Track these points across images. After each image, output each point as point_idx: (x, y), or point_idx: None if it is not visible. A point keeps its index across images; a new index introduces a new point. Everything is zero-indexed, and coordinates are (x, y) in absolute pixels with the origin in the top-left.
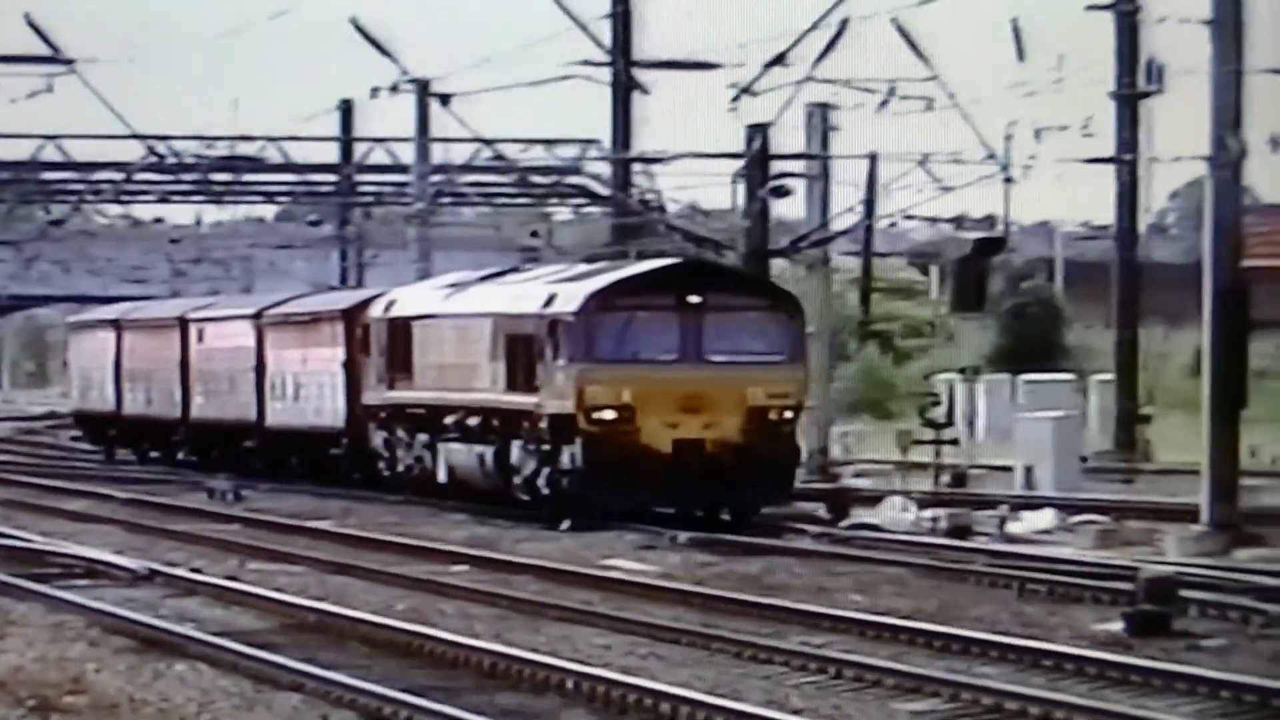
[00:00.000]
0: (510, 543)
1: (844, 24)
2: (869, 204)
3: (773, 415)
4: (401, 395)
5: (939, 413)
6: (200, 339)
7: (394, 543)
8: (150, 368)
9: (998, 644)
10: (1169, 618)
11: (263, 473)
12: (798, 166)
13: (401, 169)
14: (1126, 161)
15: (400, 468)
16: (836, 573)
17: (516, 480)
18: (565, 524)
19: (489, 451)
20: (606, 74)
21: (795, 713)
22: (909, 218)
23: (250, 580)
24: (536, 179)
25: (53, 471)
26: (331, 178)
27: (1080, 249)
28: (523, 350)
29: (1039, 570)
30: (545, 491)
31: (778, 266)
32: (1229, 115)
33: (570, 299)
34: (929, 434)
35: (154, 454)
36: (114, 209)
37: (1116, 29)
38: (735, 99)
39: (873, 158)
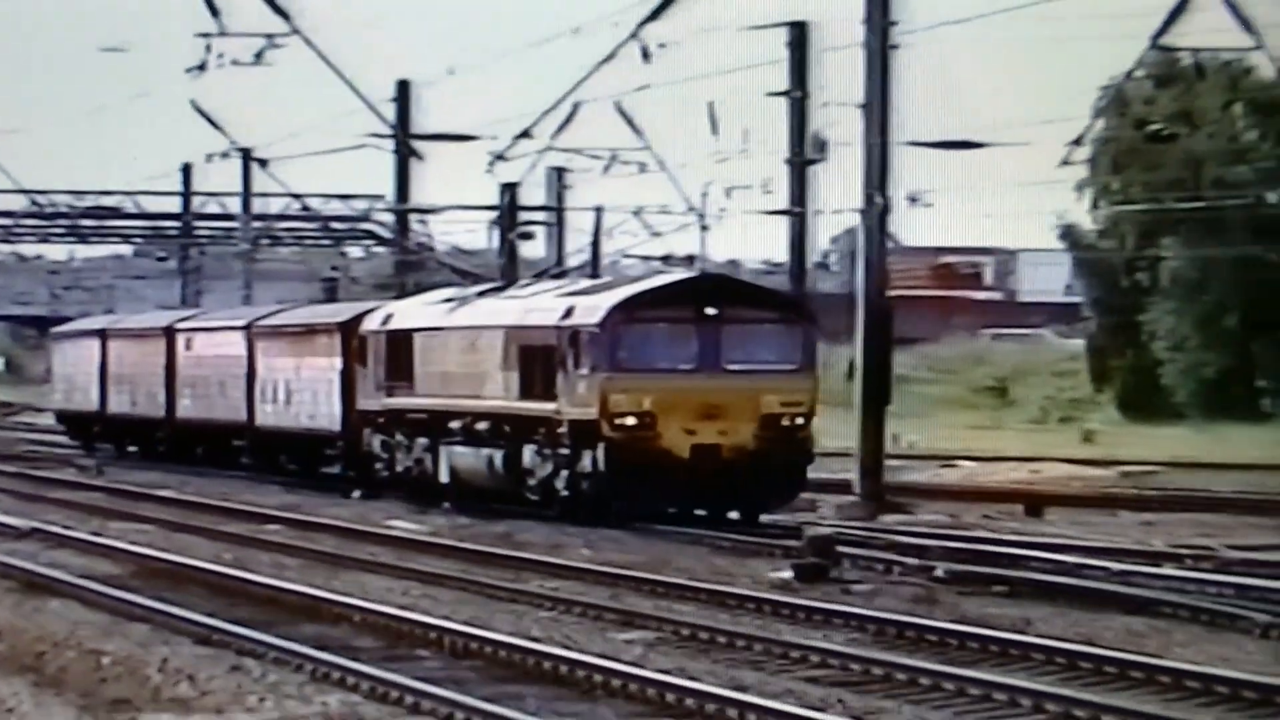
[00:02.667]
0: (313, 507)
1: (576, 106)
2: (595, 245)
3: (786, 422)
4: (402, 402)
5: None
6: (188, 347)
7: (222, 507)
8: (135, 372)
9: (694, 588)
10: (828, 568)
11: (253, 467)
12: (539, 216)
13: (229, 217)
14: (797, 213)
15: (399, 469)
16: (568, 533)
17: (531, 482)
18: (356, 494)
19: (498, 455)
20: (390, 144)
21: (534, 639)
22: (627, 256)
23: (110, 536)
24: (335, 225)
25: None
26: (175, 224)
27: (761, 282)
28: (539, 360)
29: (727, 531)
30: (565, 493)
31: None
32: (876, 177)
33: (592, 311)
34: None
35: (132, 449)
36: (3, 247)
37: (789, 110)
38: (491, 164)
39: (598, 210)
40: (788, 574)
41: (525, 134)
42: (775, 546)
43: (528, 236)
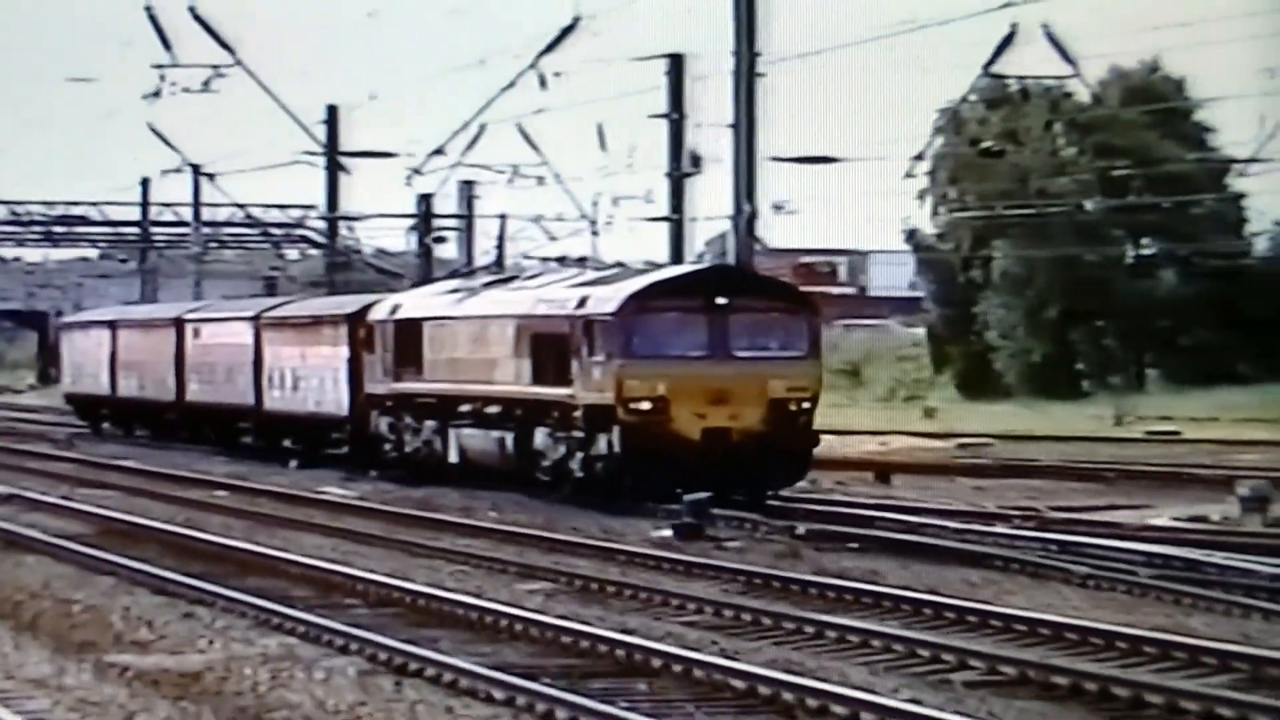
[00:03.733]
0: (256, 476)
1: (483, 127)
2: (500, 248)
3: (792, 406)
4: (411, 386)
5: None
6: (197, 336)
7: (177, 475)
8: (145, 359)
9: (587, 545)
10: (703, 527)
11: (259, 448)
12: (451, 223)
13: (182, 224)
14: (675, 220)
15: (408, 450)
16: (479, 498)
17: (544, 463)
18: (293, 464)
19: (509, 437)
20: (321, 160)
21: (448, 590)
22: (528, 258)
23: (79, 500)
24: (274, 231)
25: None
26: (135, 230)
27: None
28: (552, 347)
29: (616, 496)
30: (579, 474)
31: None
32: (744, 188)
33: (606, 301)
34: None
35: (140, 430)
36: None
37: (668, 130)
38: (409, 177)
39: (502, 217)
40: (668, 532)
41: (439, 151)
42: (657, 509)
43: (441, 240)
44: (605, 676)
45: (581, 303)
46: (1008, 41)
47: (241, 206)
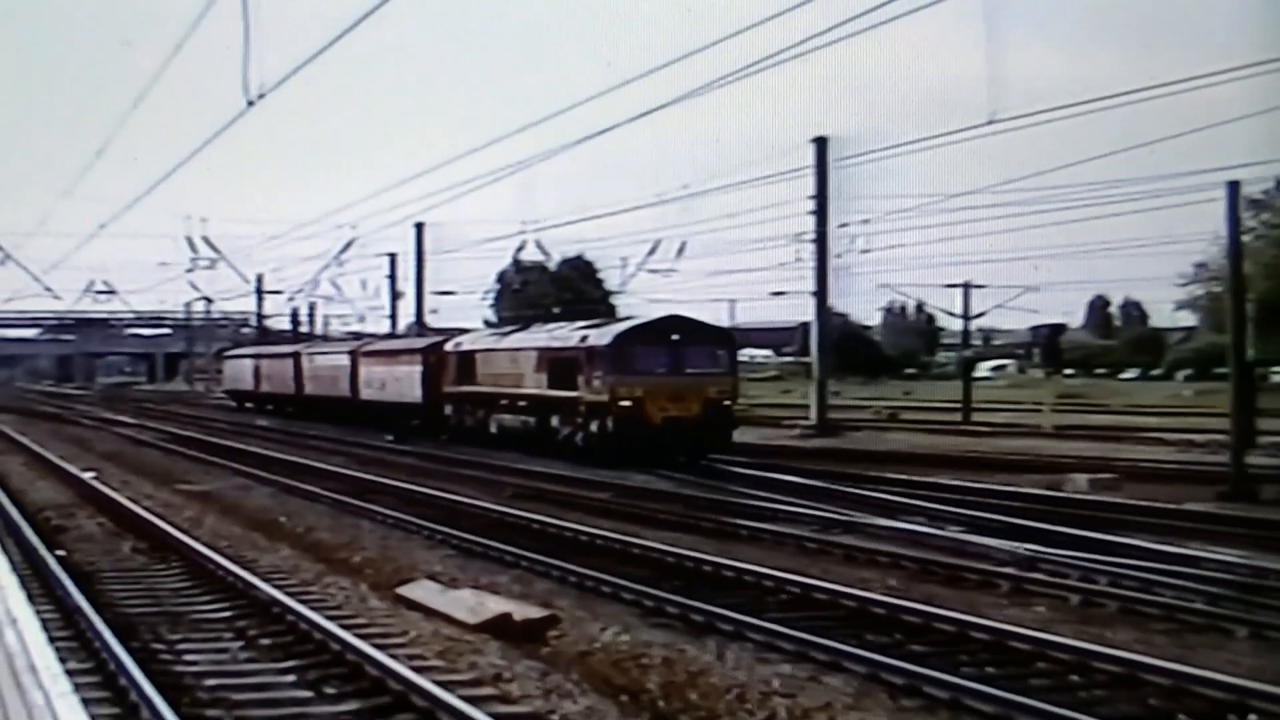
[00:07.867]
0: (235, 417)
1: (317, 281)
2: (325, 328)
3: (719, 403)
4: (468, 389)
5: None
6: (311, 360)
7: (204, 415)
8: (276, 372)
9: (361, 443)
10: (406, 436)
11: (354, 424)
12: (305, 319)
13: (197, 320)
14: (393, 317)
15: (466, 424)
16: (318, 427)
17: (558, 437)
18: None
19: (532, 420)
20: (254, 296)
21: (315, 462)
22: (336, 330)
23: (170, 426)
24: (236, 320)
25: None
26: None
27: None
28: (563, 366)
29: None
30: (580, 444)
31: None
32: (420, 305)
33: (604, 336)
34: None
35: (269, 408)
36: None
37: (389, 283)
38: (288, 299)
39: (326, 316)
40: (390, 438)
41: (300, 290)
42: (385, 432)
43: (299, 324)
44: (367, 495)
45: (584, 339)
46: (521, 247)
47: (225, 314)
